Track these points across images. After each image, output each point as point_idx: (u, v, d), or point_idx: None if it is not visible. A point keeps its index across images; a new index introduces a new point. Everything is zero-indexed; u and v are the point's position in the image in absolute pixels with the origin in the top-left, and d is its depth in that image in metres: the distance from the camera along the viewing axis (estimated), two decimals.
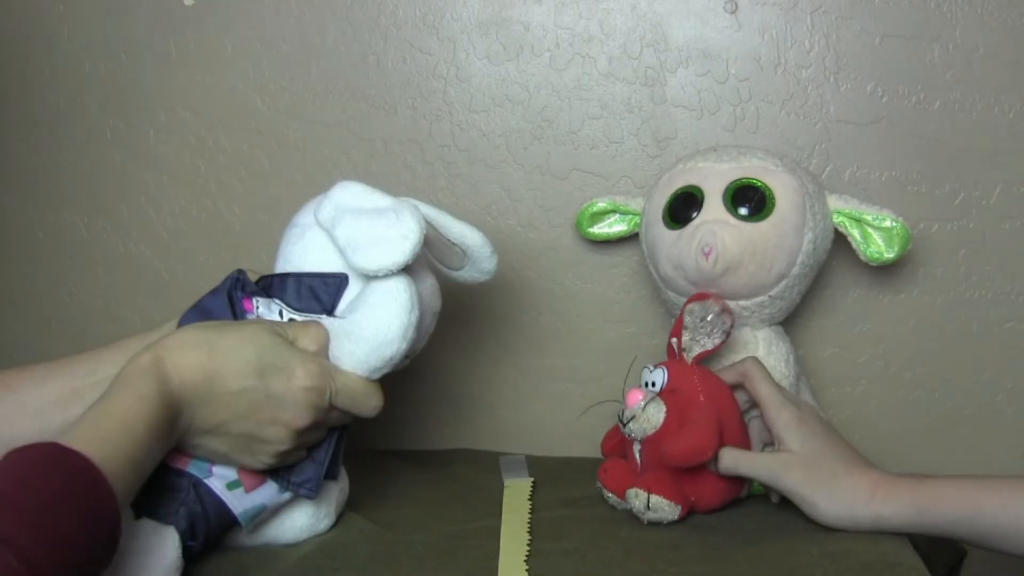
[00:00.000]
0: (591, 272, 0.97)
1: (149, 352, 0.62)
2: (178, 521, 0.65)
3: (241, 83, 0.98)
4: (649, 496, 0.74)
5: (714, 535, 0.73)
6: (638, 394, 0.75)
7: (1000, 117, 0.89)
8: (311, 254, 0.71)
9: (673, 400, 0.75)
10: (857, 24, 0.90)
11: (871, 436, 0.94)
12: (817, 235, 0.82)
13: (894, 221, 0.83)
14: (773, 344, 0.84)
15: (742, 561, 0.69)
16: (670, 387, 0.76)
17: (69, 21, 1.00)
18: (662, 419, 0.74)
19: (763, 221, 0.80)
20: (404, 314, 0.67)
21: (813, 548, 0.69)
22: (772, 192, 0.81)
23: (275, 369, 0.64)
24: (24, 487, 0.49)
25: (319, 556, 0.71)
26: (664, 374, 0.77)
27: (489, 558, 0.70)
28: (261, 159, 0.99)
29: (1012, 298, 0.92)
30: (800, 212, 0.81)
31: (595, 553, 0.71)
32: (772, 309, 0.84)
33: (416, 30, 0.96)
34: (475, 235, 0.77)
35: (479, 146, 0.97)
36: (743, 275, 0.80)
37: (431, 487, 0.86)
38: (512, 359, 0.99)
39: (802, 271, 0.83)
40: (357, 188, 0.71)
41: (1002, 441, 0.93)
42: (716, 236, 0.79)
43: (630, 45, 0.93)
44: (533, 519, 0.77)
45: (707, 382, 0.77)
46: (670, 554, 0.70)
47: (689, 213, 0.83)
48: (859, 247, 0.84)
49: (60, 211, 1.03)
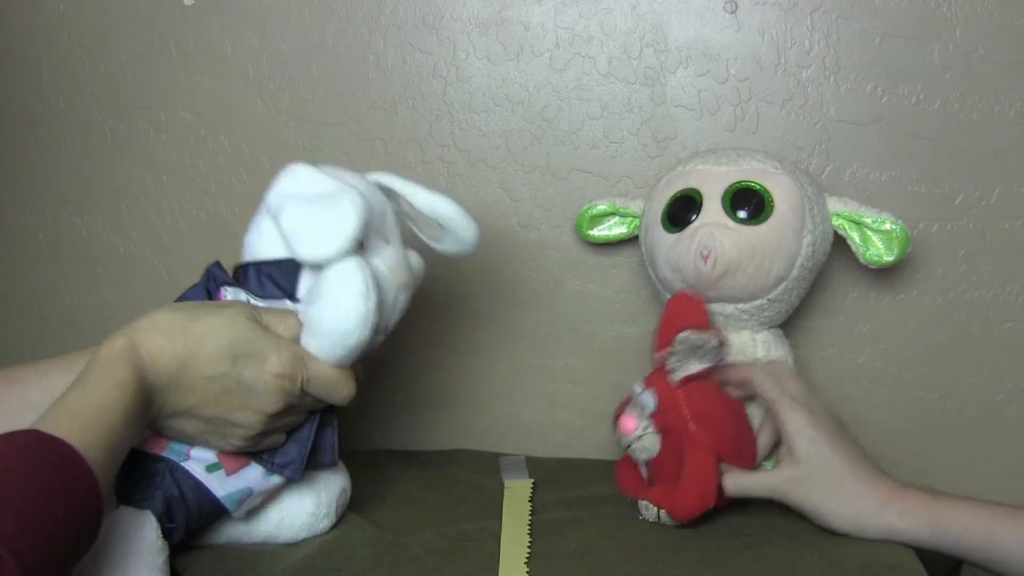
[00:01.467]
0: (591, 272, 0.97)
1: (124, 336, 0.61)
2: (154, 504, 0.65)
3: (241, 83, 0.98)
4: (659, 511, 0.77)
5: (714, 537, 0.74)
6: (631, 423, 0.77)
7: (1000, 117, 0.89)
8: (264, 241, 0.71)
9: (666, 428, 0.76)
10: (857, 24, 0.90)
11: (871, 436, 0.93)
12: (816, 238, 0.82)
13: (894, 224, 0.82)
14: (772, 347, 0.84)
15: (741, 563, 0.69)
16: (660, 418, 0.76)
17: (69, 21, 1.00)
18: (659, 447, 0.76)
19: (762, 224, 0.80)
20: (360, 303, 0.65)
21: (813, 551, 0.70)
22: (771, 195, 0.81)
23: (248, 356, 0.64)
24: (8, 477, 0.49)
25: (319, 557, 0.71)
26: (654, 399, 0.76)
27: (489, 559, 0.70)
28: (261, 159, 0.99)
29: (1012, 298, 0.92)
30: (799, 215, 0.81)
31: (595, 555, 0.71)
32: (771, 312, 0.83)
33: (416, 30, 0.96)
34: (448, 205, 0.76)
35: (479, 146, 0.97)
36: (742, 278, 0.80)
37: (431, 488, 0.86)
38: (512, 359, 0.99)
39: (801, 274, 0.82)
40: (302, 173, 0.70)
41: (1002, 441, 0.93)
42: (715, 239, 0.79)
43: (630, 45, 0.93)
44: (533, 520, 0.77)
45: (695, 406, 0.76)
46: (670, 556, 0.70)
47: (688, 216, 0.83)
48: (858, 250, 0.84)
49: (60, 211, 1.03)
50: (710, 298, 0.81)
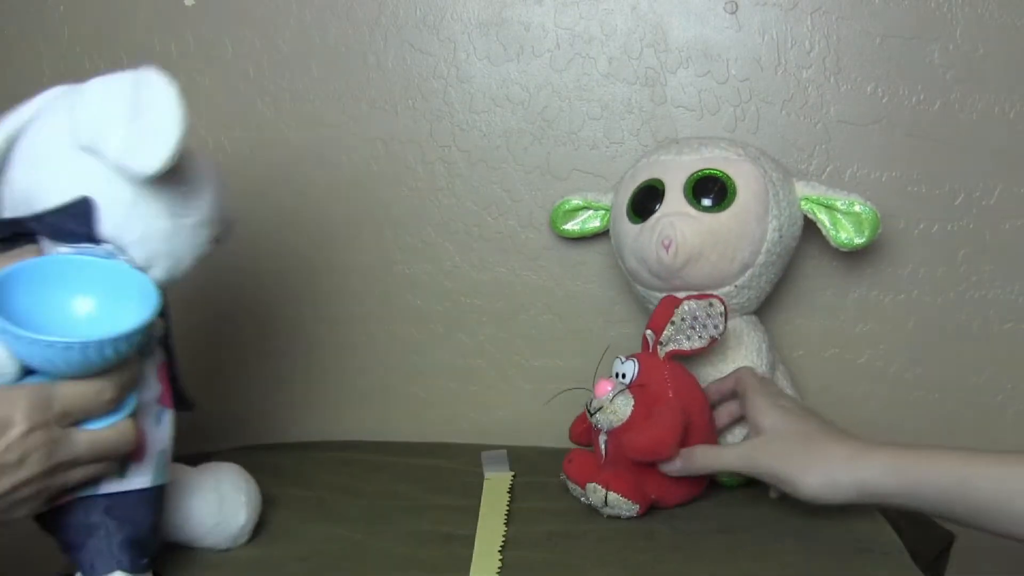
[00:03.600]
0: (591, 272, 0.97)
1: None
2: (125, 556, 0.61)
3: (241, 83, 0.98)
4: (607, 493, 0.74)
5: (687, 523, 0.74)
6: (607, 385, 0.75)
7: (1000, 117, 0.89)
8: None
9: (642, 394, 0.75)
10: (857, 24, 0.90)
11: (871, 436, 0.94)
12: (783, 223, 0.82)
13: (863, 206, 0.83)
14: (744, 335, 0.84)
15: (713, 548, 0.70)
16: (640, 380, 0.76)
17: (69, 21, 0.99)
18: (629, 412, 0.74)
19: (723, 211, 0.81)
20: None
21: (787, 535, 0.70)
22: (733, 182, 0.81)
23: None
24: None
25: (293, 546, 0.72)
26: (635, 366, 0.77)
27: (465, 547, 0.71)
28: (261, 159, 0.99)
29: (1012, 298, 0.92)
30: (762, 201, 0.81)
31: (568, 541, 0.72)
32: (740, 299, 0.84)
33: (416, 30, 0.96)
34: None
35: (479, 146, 0.97)
36: (705, 265, 0.81)
37: (416, 481, 0.86)
38: (512, 359, 0.99)
39: (768, 259, 0.83)
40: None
41: (1002, 441, 0.93)
42: (675, 228, 0.80)
43: (630, 45, 0.93)
44: (511, 509, 0.78)
45: (677, 378, 0.77)
46: (642, 542, 0.71)
47: (651, 206, 0.83)
48: (829, 233, 0.84)
49: None
50: (676, 287, 0.82)
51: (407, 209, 0.98)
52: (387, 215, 0.98)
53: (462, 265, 0.99)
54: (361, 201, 0.99)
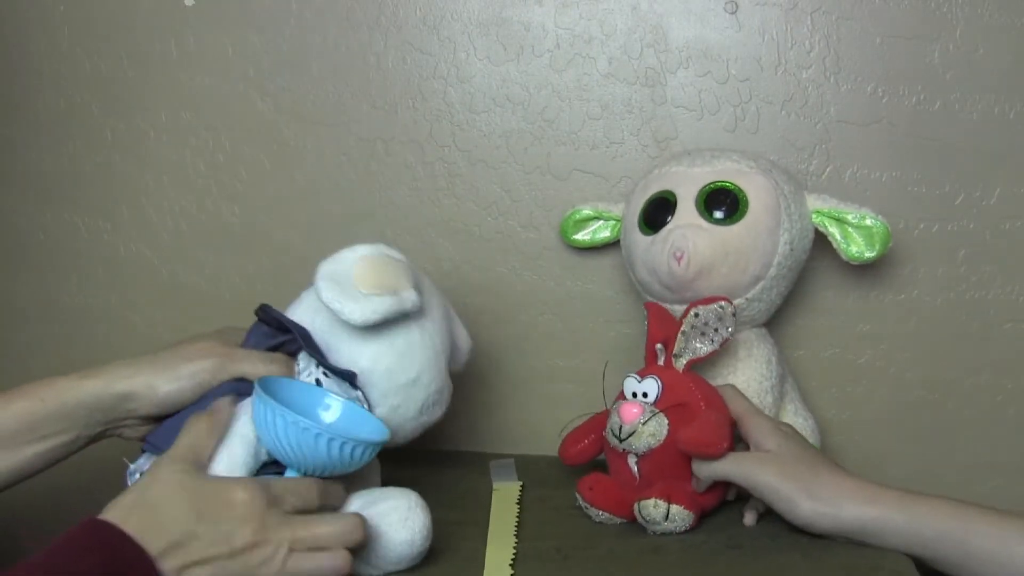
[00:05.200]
0: (591, 272, 0.97)
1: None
2: None
3: (241, 83, 0.98)
4: (669, 506, 0.73)
5: (696, 539, 0.73)
6: (633, 408, 0.74)
7: (1000, 117, 0.89)
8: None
9: (675, 414, 0.74)
10: (857, 24, 0.90)
11: (871, 436, 0.94)
12: (794, 236, 0.82)
13: (874, 219, 0.83)
14: (754, 347, 0.84)
15: (723, 564, 0.69)
16: (670, 399, 0.75)
17: (69, 21, 1.00)
18: (665, 434, 0.73)
19: (736, 224, 0.80)
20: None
21: (795, 552, 0.69)
22: (745, 194, 0.81)
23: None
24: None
25: None
26: (657, 384, 0.75)
27: (475, 561, 0.70)
28: (261, 159, 0.99)
29: (1012, 298, 0.92)
30: (774, 214, 0.81)
31: (579, 555, 0.71)
32: (751, 312, 0.84)
33: (416, 30, 0.96)
34: None
35: (479, 146, 0.97)
36: (717, 278, 0.80)
37: (420, 489, 0.86)
38: (512, 359, 0.99)
39: (779, 272, 0.83)
40: None
41: (1002, 441, 0.93)
42: (687, 240, 0.79)
43: (630, 46, 0.93)
44: (520, 521, 0.77)
45: (701, 387, 0.76)
46: (651, 557, 0.71)
47: (663, 218, 0.83)
48: (839, 247, 0.84)
49: (60, 211, 1.03)
50: (687, 299, 0.80)
51: (407, 209, 0.98)
52: (387, 215, 0.98)
53: (462, 265, 0.99)
54: (361, 201, 0.99)
